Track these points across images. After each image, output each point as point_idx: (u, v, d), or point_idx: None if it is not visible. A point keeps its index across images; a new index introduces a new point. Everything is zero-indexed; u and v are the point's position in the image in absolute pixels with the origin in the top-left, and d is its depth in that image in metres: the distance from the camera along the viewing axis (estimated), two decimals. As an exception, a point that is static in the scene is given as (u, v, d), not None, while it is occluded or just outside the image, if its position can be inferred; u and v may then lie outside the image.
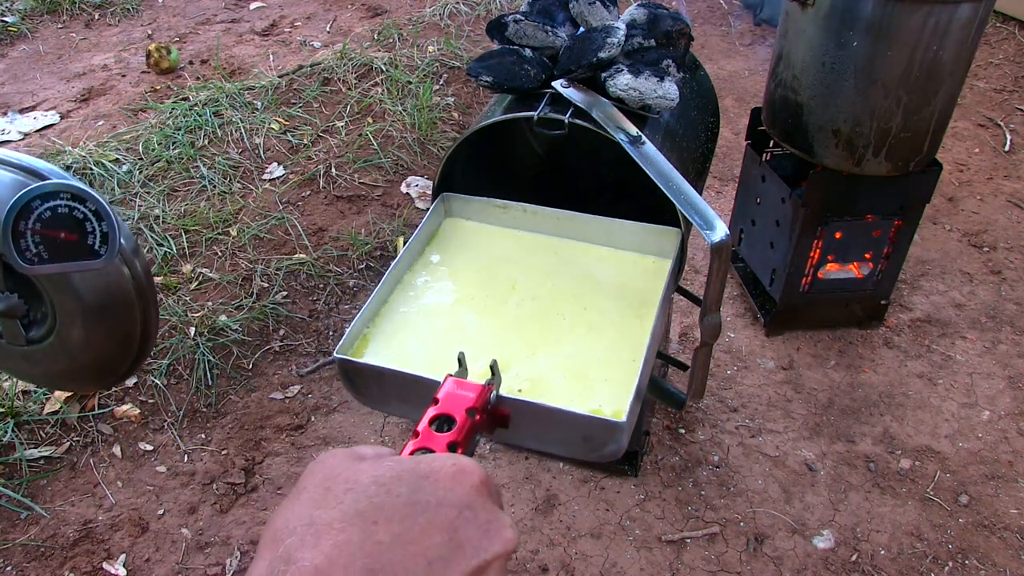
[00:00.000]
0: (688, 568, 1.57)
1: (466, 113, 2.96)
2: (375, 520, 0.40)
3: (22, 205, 0.58)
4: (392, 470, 0.43)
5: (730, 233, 0.92)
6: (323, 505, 0.41)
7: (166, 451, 1.81)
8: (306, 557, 0.38)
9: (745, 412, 1.89)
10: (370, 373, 0.92)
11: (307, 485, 0.42)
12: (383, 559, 0.38)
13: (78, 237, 0.60)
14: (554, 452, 0.89)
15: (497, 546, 0.43)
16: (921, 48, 1.53)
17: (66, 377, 0.73)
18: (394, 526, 0.40)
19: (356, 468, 0.43)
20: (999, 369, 2.00)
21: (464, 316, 1.02)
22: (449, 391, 0.62)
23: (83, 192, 0.59)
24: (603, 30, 1.08)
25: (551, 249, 1.13)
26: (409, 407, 0.93)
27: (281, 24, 3.72)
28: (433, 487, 0.42)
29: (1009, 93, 3.12)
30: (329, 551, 0.38)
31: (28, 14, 3.78)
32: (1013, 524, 1.65)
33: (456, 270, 1.10)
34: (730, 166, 2.74)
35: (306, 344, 2.07)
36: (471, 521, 0.42)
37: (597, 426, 0.84)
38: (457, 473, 0.44)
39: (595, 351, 0.95)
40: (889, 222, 1.88)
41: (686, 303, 2.15)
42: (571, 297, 1.04)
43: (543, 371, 0.93)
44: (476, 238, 1.16)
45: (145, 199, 2.45)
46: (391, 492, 0.41)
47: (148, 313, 0.69)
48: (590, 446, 0.86)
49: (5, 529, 1.64)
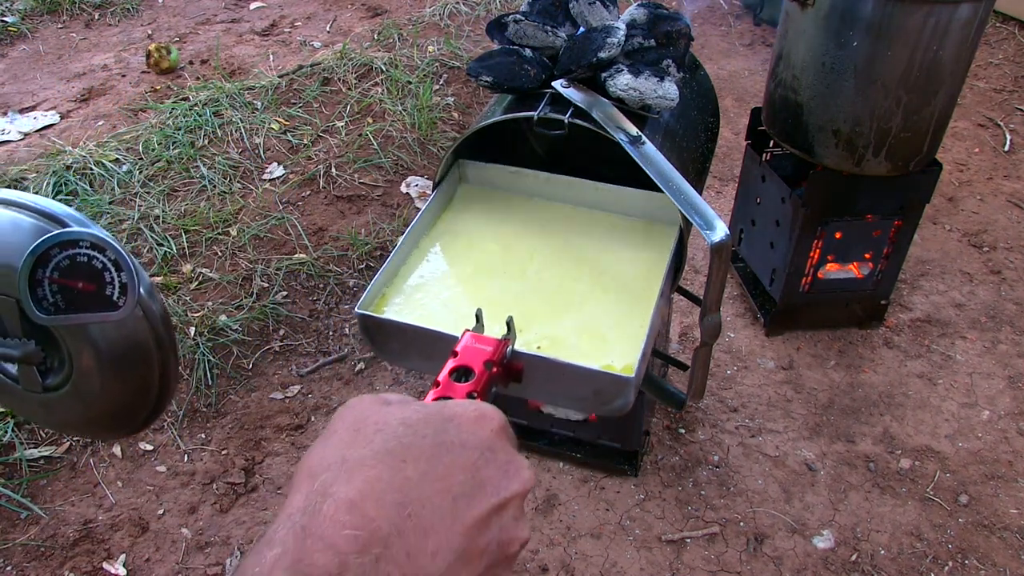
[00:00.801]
0: (688, 568, 1.57)
1: (466, 113, 2.96)
2: (403, 459, 0.42)
3: (40, 253, 0.56)
4: (418, 413, 0.45)
5: (730, 233, 0.92)
6: (354, 445, 0.43)
7: (166, 451, 1.81)
8: (340, 491, 0.40)
9: (745, 412, 1.89)
10: (391, 328, 0.96)
11: (338, 428, 0.45)
12: (411, 494, 0.41)
13: (96, 287, 0.58)
14: (565, 406, 0.95)
15: (516, 485, 0.46)
16: (921, 48, 1.53)
17: (83, 425, 0.71)
18: (421, 464, 0.42)
19: (384, 411, 0.45)
20: (999, 369, 2.00)
21: (480, 279, 1.06)
22: (468, 345, 0.65)
23: (103, 241, 0.57)
24: (603, 30, 1.08)
25: (565, 215, 1.17)
26: (426, 362, 0.96)
27: (281, 24, 3.72)
28: (457, 430, 0.45)
29: (1009, 93, 3.12)
30: (361, 486, 0.40)
31: (28, 14, 3.78)
32: (1013, 524, 1.65)
33: (472, 236, 1.13)
34: (730, 166, 2.74)
35: (306, 344, 2.07)
36: (492, 462, 0.45)
37: (607, 381, 0.88)
38: (479, 417, 0.46)
39: (607, 313, 1.00)
40: (889, 222, 1.88)
41: (686, 303, 2.15)
42: (584, 262, 1.08)
43: (557, 331, 0.97)
44: (491, 204, 1.19)
45: (145, 199, 2.45)
46: (418, 433, 0.44)
47: (167, 364, 0.68)
48: (600, 400, 0.90)
49: (5, 529, 1.64)
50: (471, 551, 0.42)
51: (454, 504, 0.42)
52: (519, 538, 0.46)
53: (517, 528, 0.46)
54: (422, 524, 0.41)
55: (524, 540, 0.47)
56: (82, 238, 0.57)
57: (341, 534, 0.39)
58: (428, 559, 0.40)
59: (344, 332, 2.11)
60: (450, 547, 0.41)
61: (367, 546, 0.39)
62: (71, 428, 0.73)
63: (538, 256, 1.09)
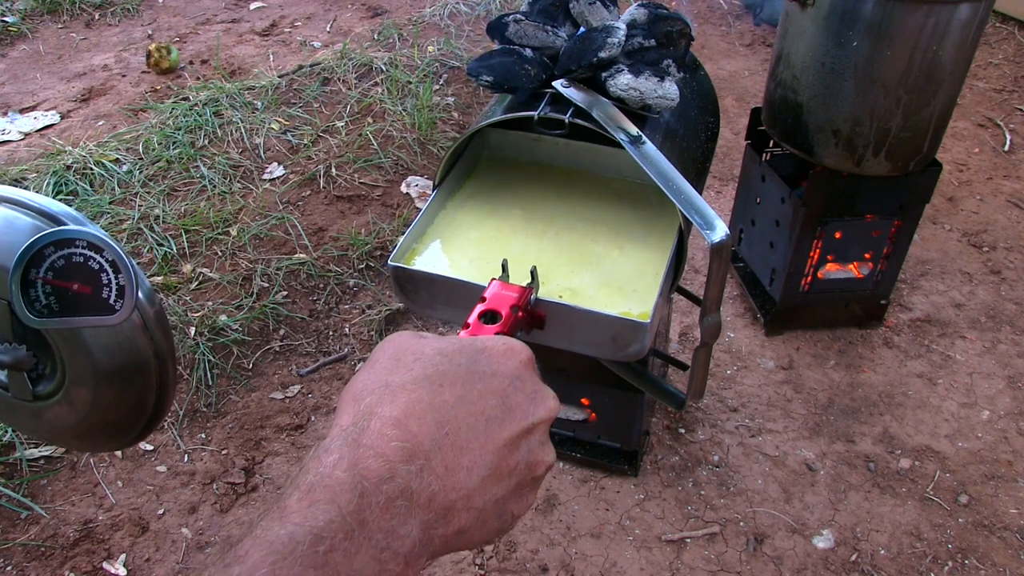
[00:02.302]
0: (688, 568, 1.57)
1: (466, 113, 2.96)
2: (441, 384, 0.46)
3: (34, 252, 0.53)
4: (453, 345, 0.50)
5: (730, 233, 0.92)
6: (395, 372, 0.48)
7: (166, 451, 1.81)
8: (385, 411, 0.45)
9: (745, 412, 1.89)
10: (421, 279, 1.02)
11: (379, 358, 0.50)
12: (448, 415, 0.45)
13: (92, 289, 0.54)
14: (583, 352, 1.01)
15: (542, 412, 0.50)
16: (921, 48, 1.53)
17: (74, 436, 0.67)
18: (457, 389, 0.47)
19: (422, 343, 0.50)
20: (999, 369, 2.00)
21: (503, 239, 1.12)
22: (495, 291, 0.70)
23: (100, 241, 0.54)
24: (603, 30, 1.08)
25: (583, 180, 1.22)
26: (453, 310, 1.03)
27: (281, 24, 3.72)
28: (488, 360, 0.49)
29: (1009, 93, 3.12)
30: (404, 407, 0.45)
31: (28, 14, 3.78)
32: (1013, 524, 1.65)
33: (495, 200, 1.19)
34: (730, 166, 2.74)
35: (306, 344, 2.07)
36: (520, 390, 0.49)
37: (624, 326, 0.94)
38: (507, 350, 0.51)
39: (623, 268, 1.07)
40: (889, 222, 1.88)
41: (686, 303, 2.15)
42: (602, 223, 1.14)
43: (576, 284, 1.03)
44: (513, 171, 1.24)
45: (145, 199, 2.45)
46: (453, 362, 0.48)
47: (165, 375, 0.64)
48: (616, 346, 0.97)
49: (5, 529, 1.64)
50: (501, 469, 0.47)
51: (487, 426, 0.46)
52: (545, 461, 0.50)
53: (543, 451, 0.50)
54: (458, 442, 0.45)
55: (549, 464, 0.51)
56: (78, 237, 0.54)
57: (389, 445, 0.43)
58: (464, 473, 0.45)
59: (344, 332, 2.11)
60: (483, 464, 0.46)
61: (412, 457, 0.43)
62: (62, 439, 0.68)
63: (558, 218, 1.15)
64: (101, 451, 1.74)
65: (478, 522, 0.46)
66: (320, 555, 0.38)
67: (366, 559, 0.40)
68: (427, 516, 0.43)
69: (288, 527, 0.39)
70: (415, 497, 0.42)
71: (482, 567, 1.58)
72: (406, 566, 0.41)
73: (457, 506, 0.44)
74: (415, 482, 0.42)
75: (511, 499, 0.48)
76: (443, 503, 0.44)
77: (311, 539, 0.39)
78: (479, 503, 0.46)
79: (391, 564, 0.40)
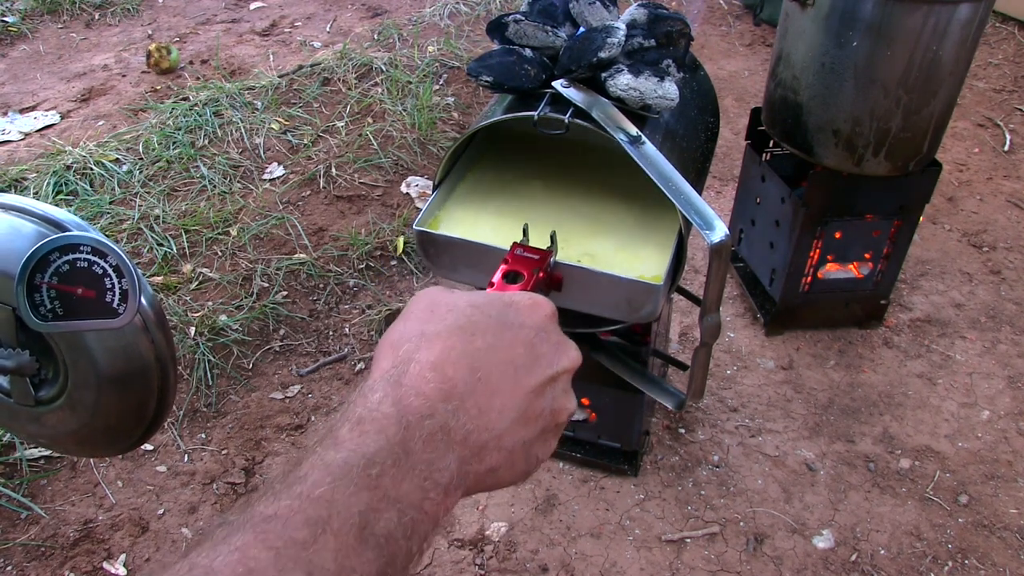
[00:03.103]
0: (688, 568, 1.57)
1: (466, 113, 2.96)
2: (473, 333, 0.50)
3: (39, 257, 0.54)
4: (483, 298, 0.54)
5: (730, 233, 0.92)
6: (430, 322, 0.51)
7: (166, 451, 1.81)
8: (423, 356, 0.48)
9: (745, 412, 1.89)
10: (444, 243, 1.07)
11: (414, 310, 0.53)
12: (480, 361, 0.49)
13: (96, 294, 0.56)
14: (599, 314, 1.08)
15: (566, 362, 0.54)
16: (921, 48, 1.53)
17: (75, 442, 0.68)
18: (488, 338, 0.50)
19: (454, 296, 0.53)
20: (999, 369, 2.00)
21: (523, 207, 1.16)
22: (517, 253, 0.75)
23: (104, 246, 0.55)
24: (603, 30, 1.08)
25: (601, 156, 1.25)
26: (475, 273, 1.08)
27: (281, 24, 3.72)
28: (516, 313, 0.53)
29: (1009, 93, 3.12)
30: (440, 352, 0.48)
31: (28, 14, 3.78)
32: (1013, 524, 1.65)
33: (514, 172, 1.22)
34: (730, 166, 2.74)
35: (306, 344, 2.07)
36: (545, 341, 0.53)
37: (638, 288, 1.00)
38: (533, 304, 0.54)
39: (639, 236, 1.11)
40: (889, 222, 1.88)
41: (686, 303, 2.15)
42: (617, 193, 1.18)
43: (593, 249, 1.09)
44: (532, 145, 1.27)
45: (145, 199, 2.45)
46: (484, 313, 0.52)
47: (167, 380, 0.65)
48: (631, 307, 1.03)
49: (5, 529, 1.64)
50: (529, 414, 0.50)
51: (515, 373, 0.50)
52: (567, 408, 0.54)
53: (566, 399, 0.54)
54: (490, 387, 0.48)
55: (572, 411, 0.55)
56: (83, 243, 0.55)
57: (428, 386, 0.46)
58: (495, 415, 0.48)
59: (344, 332, 2.11)
60: (512, 407, 0.49)
61: (448, 397, 0.47)
62: (62, 444, 0.69)
63: (577, 189, 1.19)
64: (101, 456, 1.74)
65: (507, 462, 0.49)
66: (372, 478, 0.42)
67: (411, 486, 0.43)
68: (463, 452, 0.46)
69: (342, 453, 0.43)
70: (452, 434, 0.46)
71: (482, 567, 1.58)
72: (445, 496, 0.45)
73: (489, 445, 0.48)
74: (452, 420, 0.46)
75: (536, 442, 0.52)
76: (477, 442, 0.47)
77: (364, 463, 0.42)
78: (509, 444, 0.49)
79: (432, 493, 0.44)
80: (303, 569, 0.37)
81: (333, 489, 0.41)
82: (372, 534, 0.40)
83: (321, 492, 0.40)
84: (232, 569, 0.36)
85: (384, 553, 0.41)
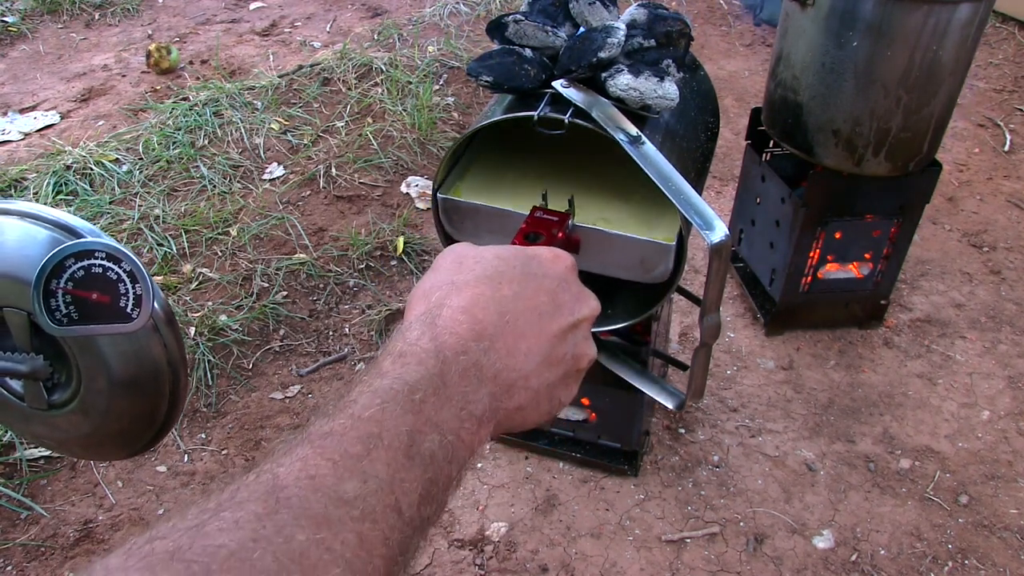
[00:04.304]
0: (688, 568, 1.57)
1: (466, 113, 2.96)
2: (499, 281, 0.54)
3: (55, 263, 0.55)
4: (508, 251, 0.57)
5: (730, 233, 0.92)
6: (459, 272, 0.54)
7: (166, 451, 1.81)
8: (454, 301, 0.52)
9: (745, 412, 1.89)
10: (467, 209, 1.13)
11: (442, 263, 0.56)
12: (508, 307, 0.52)
13: (111, 299, 0.57)
14: (614, 275, 1.13)
15: (586, 310, 0.58)
16: (921, 48, 1.53)
17: (86, 446, 0.69)
18: (514, 287, 0.54)
19: (479, 249, 0.57)
20: (999, 369, 2.00)
21: (541, 177, 1.21)
22: (537, 215, 0.79)
23: (118, 252, 0.56)
24: (603, 30, 1.08)
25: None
26: (496, 238, 1.12)
27: (281, 24, 3.72)
28: (538, 264, 0.57)
29: (1009, 93, 3.12)
30: (469, 298, 0.52)
31: (28, 14, 3.78)
32: (1013, 524, 1.65)
33: (531, 145, 1.24)
34: (730, 166, 2.74)
35: (306, 344, 2.07)
36: (567, 290, 0.57)
37: (652, 248, 1.06)
38: (555, 257, 0.58)
39: (652, 204, 1.15)
40: (889, 222, 1.88)
41: (686, 303, 2.15)
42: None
43: (609, 215, 1.14)
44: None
45: (145, 199, 2.45)
46: (509, 264, 0.55)
47: (178, 384, 0.66)
48: (644, 268, 1.09)
49: (5, 529, 1.64)
50: (552, 357, 0.54)
51: (539, 319, 0.54)
52: (588, 354, 0.58)
53: (587, 345, 0.58)
54: (517, 330, 0.52)
55: (592, 357, 0.58)
56: (98, 248, 0.56)
57: (461, 327, 0.50)
58: (522, 357, 0.52)
59: (344, 332, 2.11)
60: (538, 350, 0.53)
61: (480, 337, 0.50)
62: (73, 447, 0.71)
63: (593, 161, 1.22)
64: (110, 460, 1.75)
65: (533, 402, 0.53)
66: (416, 403, 0.45)
67: (449, 414, 0.46)
68: (494, 389, 0.50)
69: (387, 380, 0.46)
70: (484, 371, 0.49)
71: (482, 567, 1.58)
72: (479, 426, 0.48)
73: (517, 385, 0.52)
74: (484, 358, 0.50)
75: (559, 385, 0.55)
76: (506, 380, 0.51)
77: (408, 389, 0.46)
78: (535, 384, 0.53)
79: (468, 423, 0.47)
80: (359, 478, 0.41)
81: (382, 411, 0.44)
82: (418, 453, 0.44)
83: (371, 413, 0.44)
84: (296, 476, 0.40)
85: (429, 471, 0.44)
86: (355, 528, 0.39)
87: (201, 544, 0.35)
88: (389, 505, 0.41)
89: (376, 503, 0.40)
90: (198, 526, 0.36)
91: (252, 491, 0.39)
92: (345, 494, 0.40)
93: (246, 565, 0.35)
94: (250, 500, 0.38)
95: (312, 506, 0.39)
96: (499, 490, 1.72)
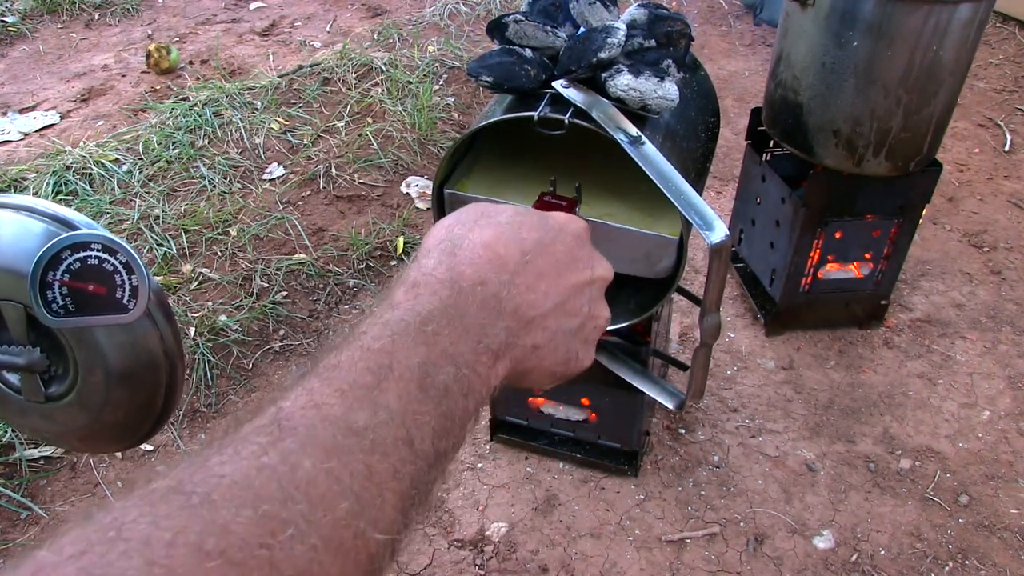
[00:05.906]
0: (688, 568, 1.57)
1: (466, 113, 2.96)
2: (520, 228, 0.54)
3: (52, 255, 0.55)
4: (526, 210, 0.58)
5: (730, 234, 0.92)
6: (481, 219, 0.54)
7: (166, 451, 1.81)
8: (475, 236, 0.52)
9: (745, 412, 1.89)
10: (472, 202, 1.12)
11: (463, 217, 0.56)
12: (528, 248, 0.53)
13: (107, 290, 0.57)
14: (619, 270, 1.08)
15: (601, 271, 0.59)
16: (921, 48, 1.53)
17: (83, 438, 0.69)
18: (534, 234, 0.54)
19: (499, 206, 0.57)
20: (999, 369, 2.00)
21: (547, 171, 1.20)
22: (545, 199, 0.80)
23: (114, 243, 0.57)
24: (603, 30, 1.08)
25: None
26: None
27: (281, 24, 3.72)
28: (555, 223, 0.57)
29: (1009, 93, 3.12)
30: (492, 235, 0.52)
31: (28, 14, 3.78)
32: (1013, 524, 1.65)
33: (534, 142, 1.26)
34: (730, 166, 2.74)
35: (306, 344, 2.07)
36: (583, 247, 0.58)
37: (657, 242, 1.07)
38: (569, 219, 0.60)
39: (657, 199, 1.15)
40: (889, 222, 1.88)
41: (686, 303, 2.15)
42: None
43: (614, 210, 1.15)
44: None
45: (145, 199, 2.45)
46: (528, 216, 0.56)
47: (174, 376, 0.66)
48: (649, 262, 1.10)
49: (5, 529, 1.64)
50: (569, 306, 0.54)
51: (558, 267, 0.54)
52: (603, 315, 0.58)
53: (601, 306, 0.58)
54: (537, 270, 0.52)
55: (607, 318, 0.59)
56: (94, 240, 0.56)
57: (481, 258, 0.50)
58: (541, 296, 0.52)
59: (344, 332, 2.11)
60: (556, 293, 0.53)
61: (500, 270, 0.50)
62: (70, 440, 0.71)
63: (598, 158, 1.22)
64: (106, 452, 1.75)
65: (550, 344, 0.53)
66: (429, 334, 0.44)
67: (464, 347, 0.46)
68: (511, 324, 0.50)
69: (399, 312, 0.46)
70: (503, 304, 0.49)
71: (482, 567, 1.57)
72: (495, 361, 0.48)
73: (535, 322, 0.51)
74: (503, 291, 0.49)
75: (576, 338, 0.55)
76: (525, 315, 0.51)
77: (420, 320, 0.45)
78: (552, 325, 0.53)
79: (484, 357, 0.47)
80: (369, 409, 0.39)
81: (393, 342, 0.43)
82: (432, 385, 0.43)
83: (381, 344, 0.43)
84: (301, 405, 0.39)
85: (444, 404, 0.43)
86: (364, 460, 0.37)
87: (202, 475, 0.34)
88: (400, 438, 0.40)
89: (387, 435, 0.39)
90: (200, 462, 0.35)
91: (256, 424, 0.38)
92: (354, 423, 0.38)
93: (249, 493, 0.33)
94: (253, 432, 0.37)
95: (319, 434, 0.37)
96: (499, 490, 1.72)
